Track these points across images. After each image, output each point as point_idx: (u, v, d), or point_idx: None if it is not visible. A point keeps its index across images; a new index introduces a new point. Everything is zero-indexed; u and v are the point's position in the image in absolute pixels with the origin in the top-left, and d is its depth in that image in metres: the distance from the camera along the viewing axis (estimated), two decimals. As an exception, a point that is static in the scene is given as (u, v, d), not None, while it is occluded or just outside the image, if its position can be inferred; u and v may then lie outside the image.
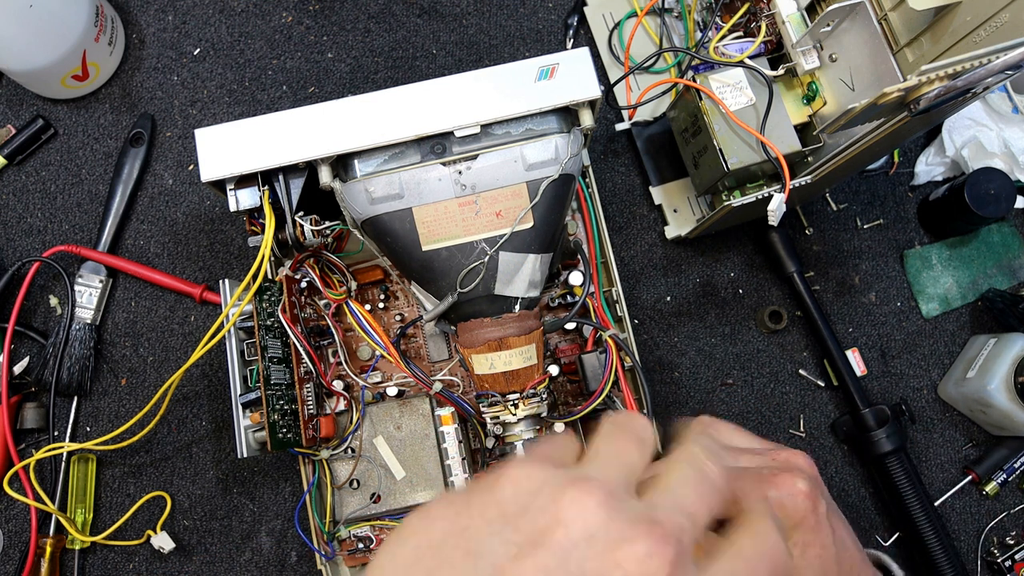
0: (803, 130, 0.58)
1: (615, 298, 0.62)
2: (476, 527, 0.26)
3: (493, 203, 0.51)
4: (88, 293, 0.67)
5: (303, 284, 0.59)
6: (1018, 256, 0.71)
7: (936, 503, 0.67)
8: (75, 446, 0.62)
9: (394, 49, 0.74)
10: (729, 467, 0.38)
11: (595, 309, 0.59)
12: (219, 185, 0.53)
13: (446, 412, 0.57)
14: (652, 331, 0.69)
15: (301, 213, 0.53)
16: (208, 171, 0.51)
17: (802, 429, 0.68)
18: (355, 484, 0.58)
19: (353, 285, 0.61)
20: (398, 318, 0.64)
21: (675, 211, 0.69)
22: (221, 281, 0.59)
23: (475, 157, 0.51)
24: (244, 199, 0.53)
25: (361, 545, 0.59)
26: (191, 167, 0.71)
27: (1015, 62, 0.40)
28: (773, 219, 0.55)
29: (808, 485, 0.37)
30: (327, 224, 0.54)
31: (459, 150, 0.51)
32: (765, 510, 0.31)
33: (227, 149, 0.51)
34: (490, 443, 0.58)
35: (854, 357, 0.69)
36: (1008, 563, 0.66)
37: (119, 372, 0.68)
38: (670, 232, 0.69)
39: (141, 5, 0.74)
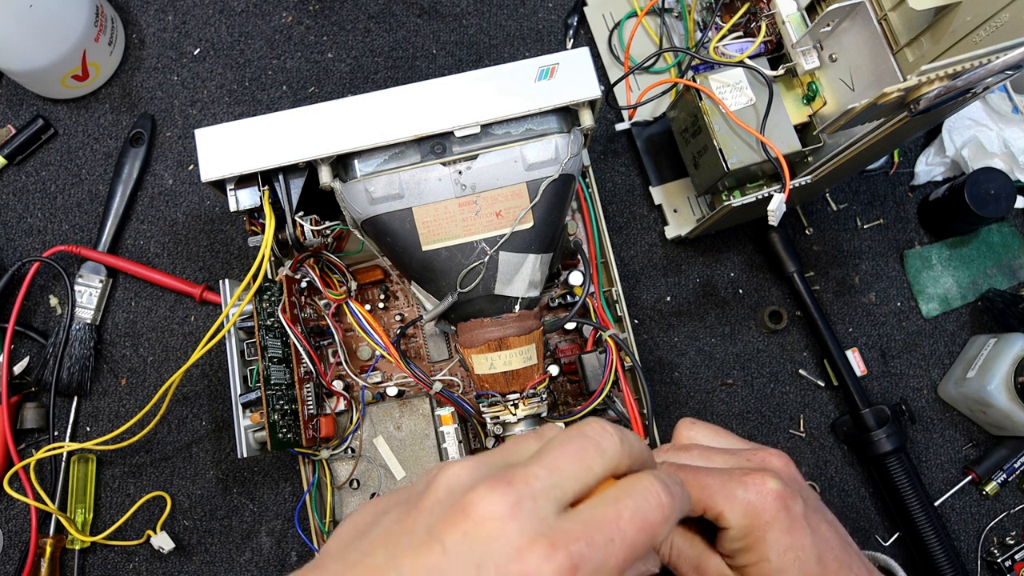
0: (803, 130, 0.58)
1: (615, 298, 0.62)
2: (397, 519, 0.29)
3: (493, 203, 0.51)
4: (88, 293, 0.67)
5: (303, 284, 0.59)
6: (1018, 256, 0.71)
7: (936, 503, 0.67)
8: (75, 446, 0.62)
9: (394, 49, 0.74)
10: (696, 467, 0.39)
11: (595, 309, 0.59)
12: (219, 185, 0.53)
13: (446, 412, 0.57)
14: (652, 331, 0.69)
15: (301, 213, 0.53)
16: (208, 171, 0.51)
17: (802, 429, 0.68)
18: (355, 484, 0.58)
19: (353, 285, 0.61)
20: (398, 318, 0.64)
21: (675, 211, 0.69)
22: (221, 281, 0.59)
23: (475, 157, 0.51)
24: (244, 199, 0.53)
25: (361, 545, 0.59)
26: (191, 167, 0.71)
27: (1015, 62, 0.40)
28: (773, 219, 0.55)
29: (779, 485, 0.37)
30: (327, 224, 0.54)
31: (459, 150, 0.51)
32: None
33: (227, 149, 0.51)
34: (490, 443, 0.58)
35: (854, 357, 0.69)
36: (1008, 563, 0.66)
37: (119, 372, 0.68)
38: (670, 232, 0.69)
39: (141, 5, 0.74)
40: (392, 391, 0.61)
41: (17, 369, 0.67)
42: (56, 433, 0.66)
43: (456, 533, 0.27)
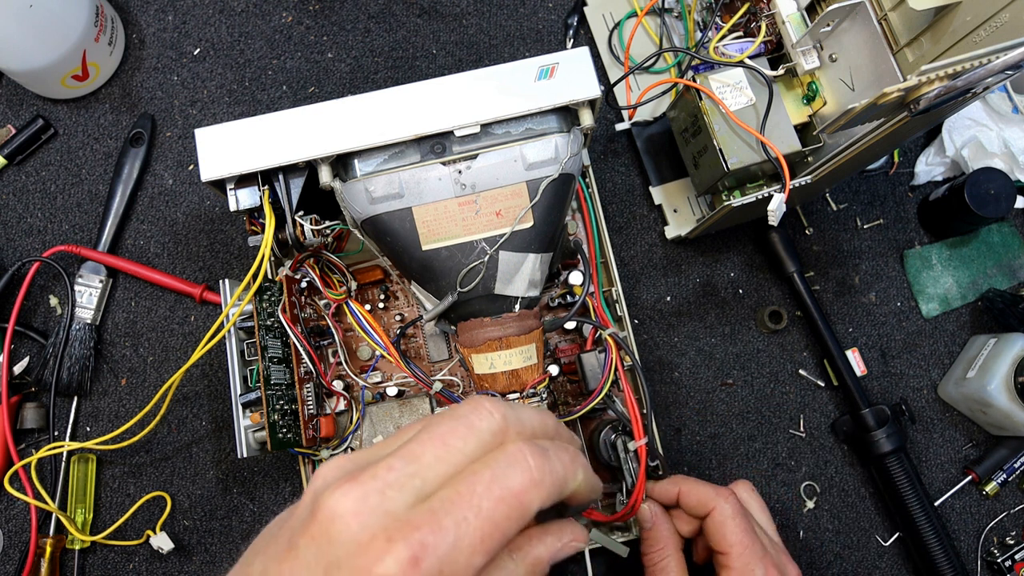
0: (803, 130, 0.58)
1: (615, 298, 0.62)
2: (279, 524, 0.30)
3: (493, 202, 0.51)
4: (88, 293, 0.67)
5: (303, 284, 0.59)
6: (1018, 256, 0.71)
7: (936, 503, 0.66)
8: (75, 445, 0.62)
9: (394, 49, 0.74)
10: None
11: (595, 309, 0.59)
12: (219, 185, 0.53)
13: (446, 412, 0.57)
14: (652, 331, 0.69)
15: (301, 213, 0.53)
16: (208, 171, 0.51)
17: (802, 429, 0.68)
18: (355, 484, 0.58)
19: (353, 285, 0.61)
20: (398, 318, 0.64)
21: (675, 211, 0.69)
22: (221, 281, 0.59)
23: (475, 156, 0.51)
24: (244, 199, 0.53)
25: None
26: (191, 167, 0.71)
27: (1015, 62, 0.40)
28: (773, 219, 0.55)
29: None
30: (327, 224, 0.54)
31: (459, 149, 0.51)
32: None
33: (227, 149, 0.51)
34: (490, 443, 0.58)
35: (854, 357, 0.69)
36: (1008, 563, 0.66)
37: (119, 372, 0.68)
38: (670, 232, 0.69)
39: (141, 5, 0.74)
40: (392, 391, 0.61)
41: (17, 369, 0.67)
42: (56, 433, 0.66)
43: (306, 537, 0.27)
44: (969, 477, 0.68)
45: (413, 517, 0.26)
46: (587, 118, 0.52)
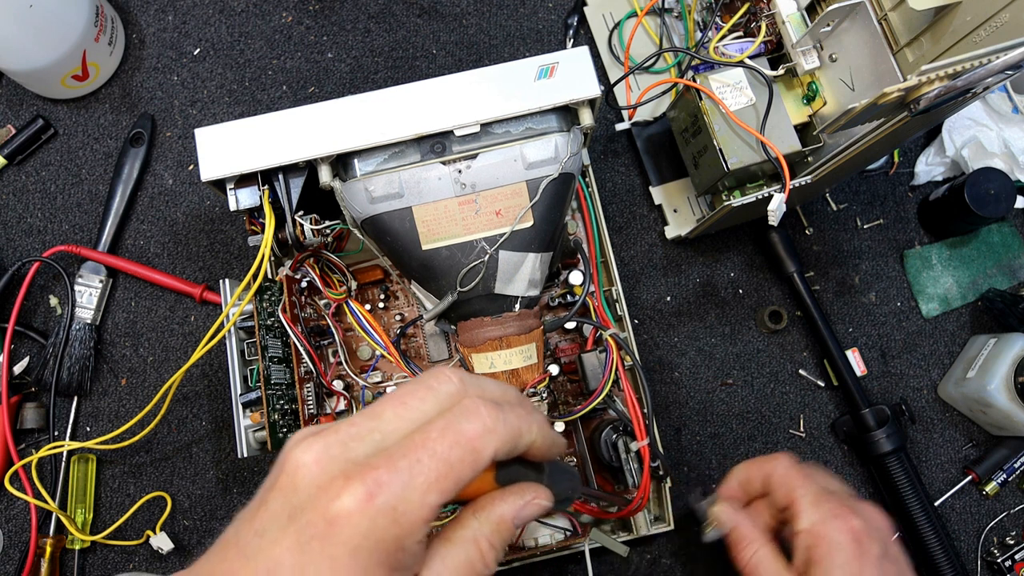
0: (803, 130, 0.58)
1: (615, 297, 0.62)
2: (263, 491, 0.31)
3: (493, 202, 0.51)
4: (88, 293, 0.67)
5: (303, 284, 0.59)
6: (1018, 256, 0.71)
7: (936, 503, 0.66)
8: (76, 445, 0.62)
9: (394, 49, 0.74)
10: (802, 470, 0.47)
11: (595, 308, 0.59)
12: (219, 185, 0.53)
13: (446, 412, 0.57)
14: (652, 331, 0.69)
15: (301, 212, 0.53)
16: (208, 170, 0.51)
17: (802, 429, 0.68)
18: (355, 484, 0.58)
19: (353, 285, 0.61)
20: (398, 318, 0.64)
21: (675, 211, 0.69)
22: (221, 281, 0.59)
23: (475, 156, 0.51)
24: (244, 198, 0.53)
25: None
26: (191, 167, 0.71)
27: (1015, 62, 0.40)
28: (773, 219, 0.55)
29: (862, 524, 0.43)
30: (327, 223, 0.54)
31: (459, 149, 0.51)
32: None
33: (227, 148, 0.51)
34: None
35: (854, 357, 0.69)
36: (1008, 563, 0.66)
37: (119, 372, 0.68)
38: (670, 232, 0.69)
39: (141, 5, 0.74)
40: (392, 391, 0.60)
41: (17, 369, 0.67)
42: (56, 433, 0.66)
43: (274, 491, 0.29)
44: (969, 477, 0.68)
45: (371, 461, 0.28)
46: (587, 117, 0.52)
